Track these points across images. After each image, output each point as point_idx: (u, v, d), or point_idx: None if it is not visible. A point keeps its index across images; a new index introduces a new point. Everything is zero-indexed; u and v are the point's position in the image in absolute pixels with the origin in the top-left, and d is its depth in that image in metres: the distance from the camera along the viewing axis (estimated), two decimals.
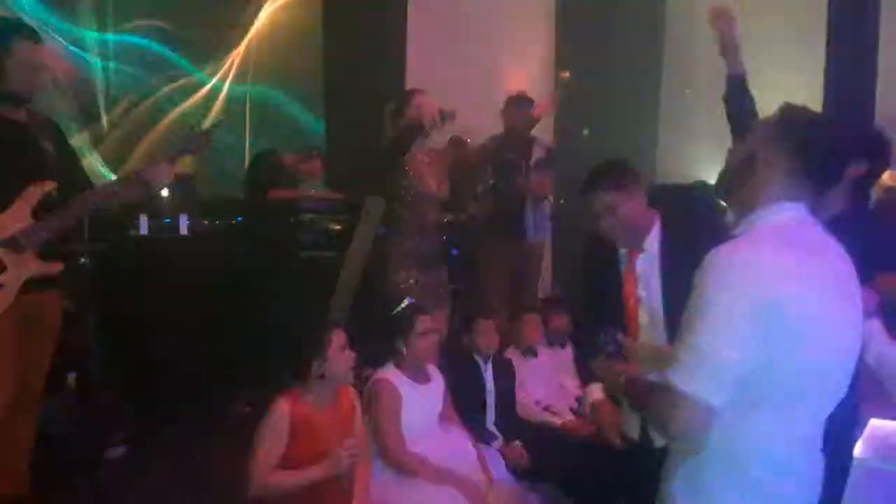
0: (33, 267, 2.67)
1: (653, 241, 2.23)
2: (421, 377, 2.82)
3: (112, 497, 3.17)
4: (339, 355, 2.42)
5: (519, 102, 4.64)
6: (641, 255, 2.25)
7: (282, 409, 2.35)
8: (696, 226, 2.24)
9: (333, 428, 2.42)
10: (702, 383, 1.39)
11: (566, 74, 7.53)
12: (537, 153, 4.58)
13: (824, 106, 4.96)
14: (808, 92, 5.54)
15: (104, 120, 5.74)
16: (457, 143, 3.64)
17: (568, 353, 3.71)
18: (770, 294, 1.39)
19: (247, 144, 6.20)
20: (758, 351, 1.39)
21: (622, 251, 2.30)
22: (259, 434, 2.34)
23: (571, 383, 3.57)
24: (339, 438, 2.38)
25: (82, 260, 3.58)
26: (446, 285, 3.53)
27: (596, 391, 2.39)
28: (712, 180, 6.13)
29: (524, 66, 7.12)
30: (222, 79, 6.32)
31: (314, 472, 2.32)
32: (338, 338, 2.43)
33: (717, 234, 1.74)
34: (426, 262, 3.38)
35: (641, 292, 2.26)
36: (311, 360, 2.38)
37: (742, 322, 1.39)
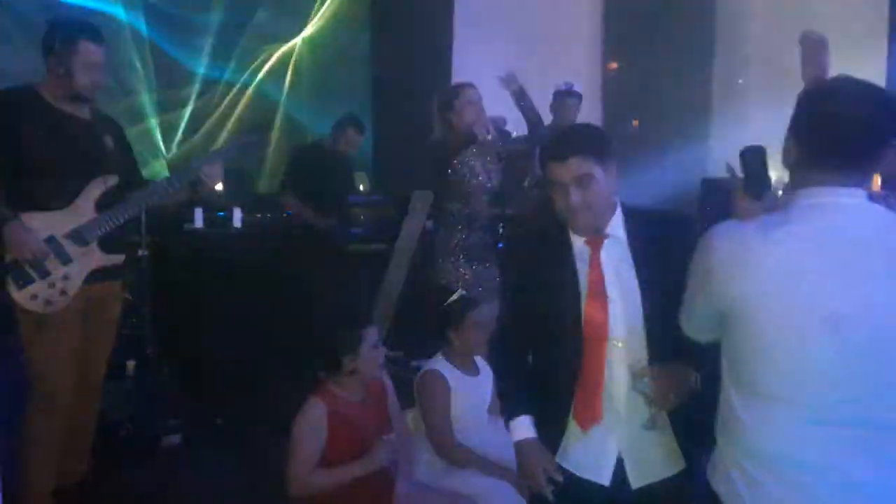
0: (96, 259, 2.76)
1: (617, 226, 1.82)
2: (470, 369, 2.83)
3: (166, 483, 3.25)
4: (371, 352, 2.42)
5: (567, 95, 4.63)
6: (607, 241, 1.80)
7: (318, 406, 2.36)
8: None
9: (369, 420, 2.44)
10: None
11: (614, 66, 7.47)
12: None
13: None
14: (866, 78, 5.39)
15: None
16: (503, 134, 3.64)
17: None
18: (726, 270, 1.44)
19: None
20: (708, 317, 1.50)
21: (578, 243, 1.83)
22: (296, 433, 2.34)
23: None
24: (376, 430, 2.40)
25: (141, 252, 3.68)
26: (495, 278, 3.53)
27: (522, 429, 1.91)
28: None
29: (571, 57, 7.06)
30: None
31: (355, 470, 2.31)
32: (371, 335, 2.44)
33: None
34: (475, 255, 3.39)
35: (611, 290, 1.78)
36: (343, 356, 2.39)
37: (700, 292, 1.51)
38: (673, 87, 7.14)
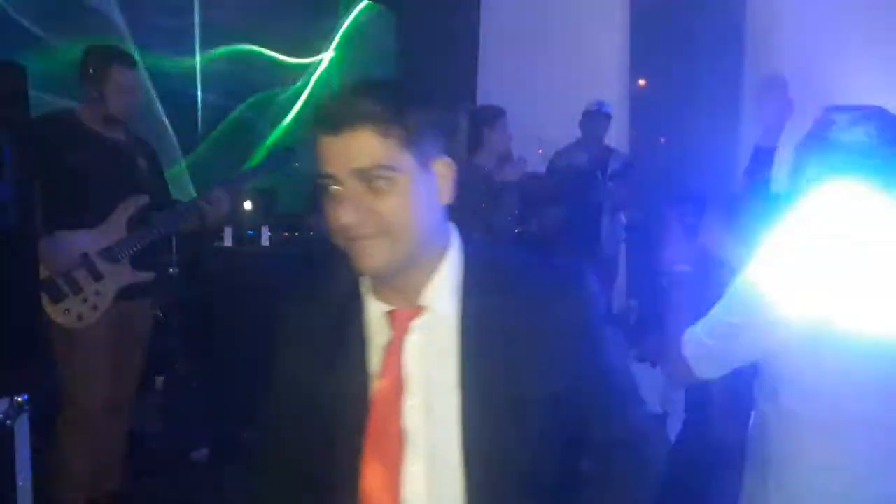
0: (127, 276, 2.84)
1: (443, 290, 1.08)
2: None
3: (195, 497, 3.30)
4: None
5: (597, 115, 4.62)
6: (422, 320, 1.08)
7: None
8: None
9: None
10: (693, 347, 1.58)
11: (643, 83, 7.45)
12: (613, 163, 4.55)
13: None
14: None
15: None
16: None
17: (658, 372, 3.62)
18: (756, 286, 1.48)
19: None
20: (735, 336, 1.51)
21: (375, 311, 1.11)
22: None
23: (651, 401, 3.51)
24: None
25: (171, 270, 3.77)
26: None
27: None
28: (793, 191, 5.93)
29: (598, 74, 7.06)
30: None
31: None
32: None
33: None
34: None
35: (412, 420, 1.08)
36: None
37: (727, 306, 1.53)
38: (701, 103, 7.10)
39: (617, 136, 7.06)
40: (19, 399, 1.69)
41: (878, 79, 6.10)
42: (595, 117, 4.60)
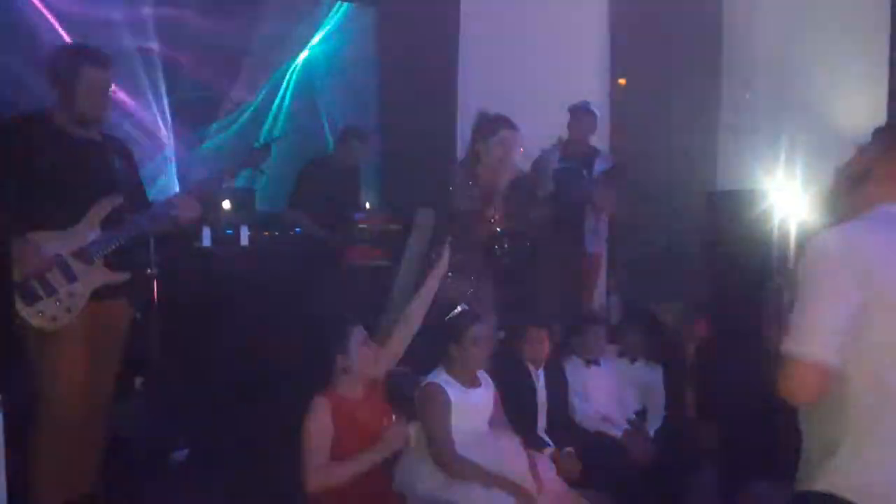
0: (102, 277, 2.81)
1: None
2: (471, 382, 2.85)
3: (174, 499, 3.27)
4: (360, 349, 2.53)
5: (582, 111, 4.63)
6: None
7: (322, 405, 2.47)
8: None
9: (373, 416, 2.54)
10: (811, 345, 1.58)
11: (623, 82, 7.49)
12: (599, 164, 4.55)
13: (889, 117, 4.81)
14: (870, 104, 5.38)
15: None
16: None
17: (638, 368, 3.64)
18: (860, 263, 1.57)
19: None
20: (853, 308, 1.56)
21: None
22: (305, 432, 2.45)
23: (631, 396, 3.54)
24: (380, 426, 2.51)
25: (149, 270, 3.73)
26: (490, 296, 3.51)
27: None
28: (773, 186, 5.96)
29: (577, 74, 7.09)
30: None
31: (369, 458, 2.42)
32: (357, 333, 2.55)
33: None
34: (469, 274, 3.39)
35: None
36: (334, 355, 2.51)
37: (836, 287, 1.59)
38: (680, 102, 7.15)
39: (598, 135, 7.11)
40: None
41: (852, 73, 6.20)
42: (582, 116, 4.61)
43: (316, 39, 6.62)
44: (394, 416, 2.60)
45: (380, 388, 2.70)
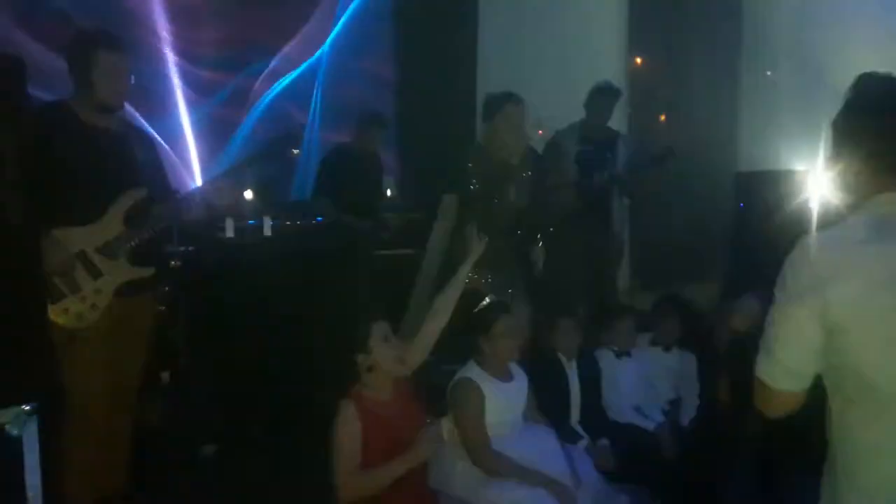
0: (127, 272, 2.76)
1: None
2: (504, 375, 2.79)
3: (204, 494, 3.25)
4: (382, 346, 2.40)
5: (604, 92, 4.49)
6: None
7: (349, 408, 2.36)
8: None
9: (402, 418, 2.43)
10: (771, 373, 1.44)
11: (638, 61, 7.37)
12: (622, 147, 4.44)
13: None
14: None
15: None
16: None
17: (672, 356, 3.57)
18: (818, 282, 1.37)
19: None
20: (815, 341, 1.39)
21: None
22: (336, 438, 2.34)
23: (665, 386, 3.48)
24: (410, 428, 2.38)
25: (172, 263, 3.69)
26: (519, 285, 3.44)
27: None
28: (795, 166, 5.87)
29: (596, 52, 6.98)
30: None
31: (402, 465, 2.30)
32: (379, 328, 2.42)
33: None
34: (494, 263, 3.33)
35: None
36: (356, 354, 2.40)
37: (789, 310, 1.41)
38: (700, 80, 7.04)
39: (616, 115, 7.00)
40: (27, 408, 1.63)
41: (874, 47, 6.05)
42: (603, 97, 4.44)
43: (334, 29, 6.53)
44: (427, 419, 2.50)
45: (409, 387, 2.60)
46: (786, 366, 1.43)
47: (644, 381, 3.43)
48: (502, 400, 2.73)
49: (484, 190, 3.29)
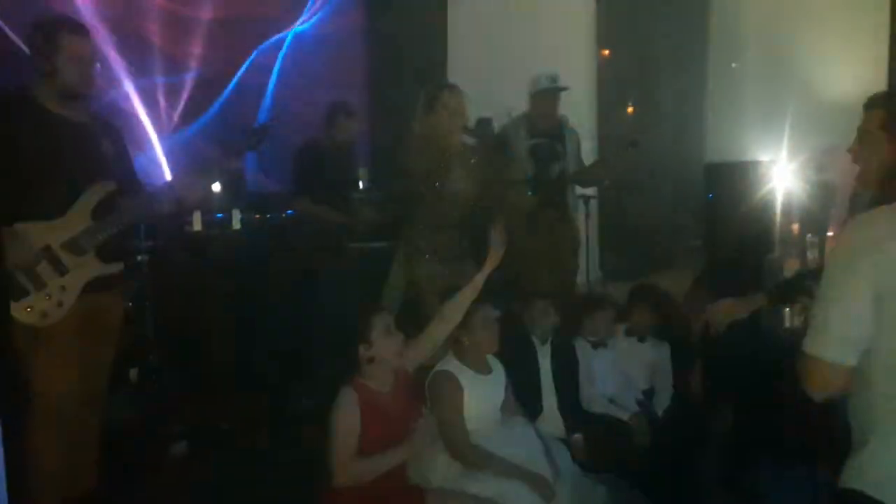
0: (94, 268, 2.68)
1: None
2: (482, 368, 2.78)
3: (175, 491, 3.20)
4: (384, 338, 2.44)
5: (552, 89, 4.36)
6: None
7: (349, 396, 2.39)
8: None
9: (400, 409, 2.46)
10: (826, 345, 1.52)
11: (606, 53, 7.39)
12: (570, 134, 4.40)
13: (890, 77, 4.77)
14: (869, 64, 5.34)
15: None
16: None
17: (646, 347, 3.59)
18: (873, 257, 1.47)
19: None
20: (872, 311, 1.48)
21: None
22: (334, 424, 2.37)
23: (639, 376, 3.50)
24: (408, 419, 2.44)
25: (139, 257, 3.61)
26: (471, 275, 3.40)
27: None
28: (762, 157, 5.96)
29: (564, 43, 6.99)
30: None
31: (397, 456, 2.37)
32: (381, 320, 2.46)
33: None
34: (443, 254, 3.32)
35: None
36: (357, 345, 2.42)
37: (852, 285, 1.50)
38: (668, 72, 7.09)
39: (584, 106, 7.02)
40: None
41: (843, 38, 6.16)
42: (548, 95, 4.35)
43: (302, 16, 6.43)
44: (425, 412, 2.54)
45: (410, 379, 2.62)
46: (840, 335, 1.51)
47: (619, 371, 3.44)
48: (481, 393, 2.72)
49: (423, 178, 3.26)
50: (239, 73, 6.15)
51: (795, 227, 4.61)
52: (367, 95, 6.22)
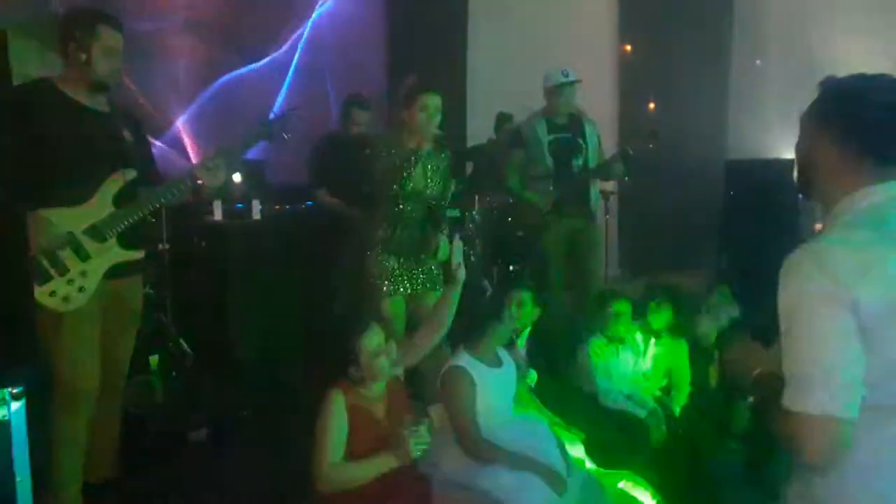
0: (116, 255, 2.72)
1: None
2: (494, 362, 2.78)
3: (195, 478, 3.23)
4: (373, 361, 2.34)
5: (570, 83, 4.29)
6: None
7: (337, 399, 2.32)
8: None
9: (390, 414, 2.40)
10: (814, 397, 1.31)
11: (628, 48, 7.34)
12: (590, 128, 4.39)
13: None
14: (894, 62, 5.26)
15: None
16: None
17: (662, 344, 3.56)
18: (843, 287, 1.30)
19: None
20: (857, 349, 1.31)
21: None
22: (319, 426, 2.30)
23: (656, 373, 3.48)
24: (397, 424, 2.33)
25: (161, 246, 3.64)
26: (432, 272, 3.39)
27: None
28: (785, 154, 5.89)
29: (586, 39, 6.97)
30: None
31: (385, 461, 2.26)
32: (369, 342, 2.34)
33: None
34: (403, 250, 3.31)
35: None
36: (346, 350, 2.35)
37: (827, 323, 1.31)
38: (690, 68, 7.04)
39: (605, 102, 6.99)
40: (14, 391, 1.59)
41: (867, 35, 6.08)
42: (564, 89, 4.33)
43: (321, 8, 6.44)
44: (415, 417, 2.41)
45: (401, 385, 2.58)
46: (840, 381, 1.30)
47: (636, 368, 3.43)
48: (493, 387, 2.71)
49: (388, 177, 3.25)
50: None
51: (818, 226, 4.56)
52: (385, 86, 6.23)
